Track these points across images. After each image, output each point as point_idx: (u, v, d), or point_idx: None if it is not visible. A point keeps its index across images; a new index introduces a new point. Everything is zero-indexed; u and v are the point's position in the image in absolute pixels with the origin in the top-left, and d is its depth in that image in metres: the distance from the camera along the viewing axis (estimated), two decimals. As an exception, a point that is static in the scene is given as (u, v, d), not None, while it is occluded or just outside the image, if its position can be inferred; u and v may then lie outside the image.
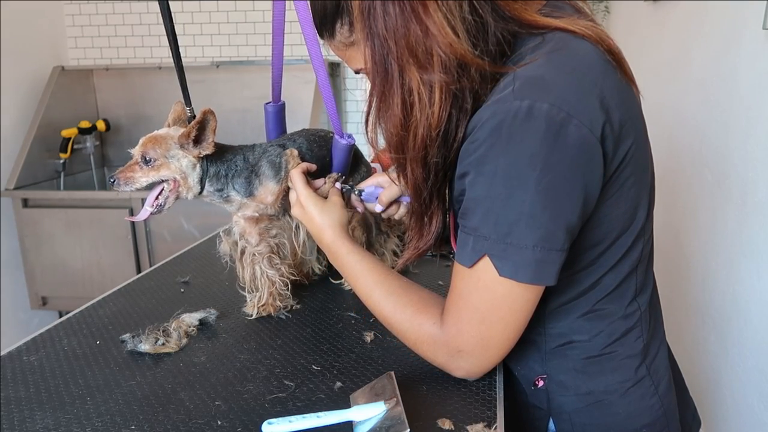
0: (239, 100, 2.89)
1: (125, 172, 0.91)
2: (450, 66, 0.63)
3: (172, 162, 0.91)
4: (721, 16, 1.54)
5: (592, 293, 0.74)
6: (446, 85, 0.64)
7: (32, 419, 0.74)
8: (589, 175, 0.63)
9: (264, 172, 0.96)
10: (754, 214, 1.34)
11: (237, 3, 3.03)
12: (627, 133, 0.65)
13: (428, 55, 0.63)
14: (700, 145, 1.62)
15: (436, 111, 0.64)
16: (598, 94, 0.62)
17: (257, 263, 1.00)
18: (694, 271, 1.68)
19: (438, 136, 0.66)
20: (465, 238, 0.67)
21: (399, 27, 0.62)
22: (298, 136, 1.03)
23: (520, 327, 0.69)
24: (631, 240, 0.72)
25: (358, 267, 0.83)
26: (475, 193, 0.64)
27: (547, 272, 0.64)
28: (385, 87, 0.66)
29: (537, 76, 0.62)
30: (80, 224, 2.60)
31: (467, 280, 0.68)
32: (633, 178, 0.69)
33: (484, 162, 0.62)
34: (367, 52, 0.66)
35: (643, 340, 0.77)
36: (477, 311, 0.68)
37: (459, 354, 0.72)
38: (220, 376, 0.83)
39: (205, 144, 0.91)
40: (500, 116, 0.61)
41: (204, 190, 0.95)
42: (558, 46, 0.65)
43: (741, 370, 1.41)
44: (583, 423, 0.78)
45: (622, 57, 0.69)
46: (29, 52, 2.87)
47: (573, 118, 0.60)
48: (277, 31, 0.95)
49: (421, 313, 0.75)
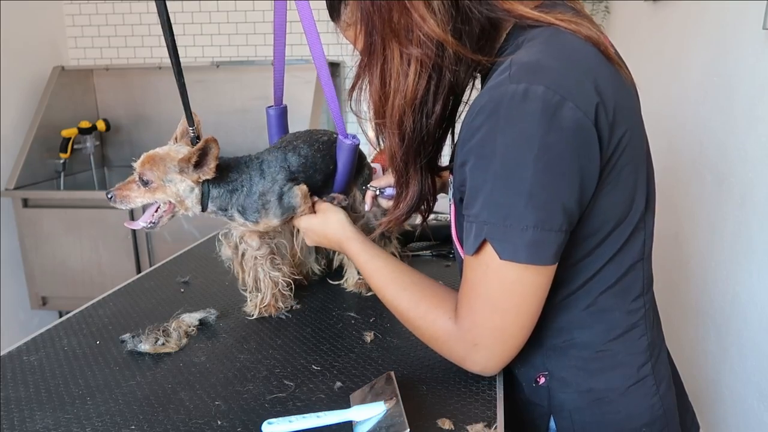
0: (239, 100, 2.89)
1: (122, 190, 0.90)
2: (427, 43, 0.66)
3: (169, 186, 0.90)
4: (721, 16, 1.54)
5: (592, 285, 0.74)
6: (423, 60, 0.67)
7: (32, 419, 0.74)
8: (584, 157, 0.64)
9: (272, 208, 0.95)
10: (754, 215, 1.34)
11: (237, 3, 3.03)
12: (621, 121, 0.67)
13: (408, 32, 0.67)
14: (700, 145, 1.62)
15: (411, 84, 0.68)
16: (592, 80, 0.64)
17: (260, 265, 1.00)
18: (694, 271, 1.68)
19: (414, 108, 0.70)
20: (468, 227, 0.68)
21: (384, 3, 0.67)
22: (302, 142, 1.00)
23: (534, 314, 0.70)
24: (629, 231, 0.73)
25: (371, 265, 0.86)
26: (475, 180, 0.66)
27: (546, 252, 0.65)
28: (370, 58, 0.71)
29: (533, 61, 0.64)
30: (80, 224, 2.60)
31: (476, 270, 0.69)
32: (629, 167, 0.69)
33: (483, 145, 0.64)
34: (357, 28, 0.71)
35: (647, 338, 0.77)
36: (488, 300, 0.68)
37: (475, 348, 0.72)
38: (220, 376, 0.83)
39: (206, 169, 0.90)
40: (497, 100, 0.63)
41: (207, 208, 0.94)
42: (552, 37, 0.67)
43: (741, 370, 1.41)
44: (583, 421, 0.77)
45: (617, 59, 0.70)
46: (29, 52, 2.87)
47: (567, 101, 0.62)
48: (279, 32, 0.95)
49: (436, 308, 0.76)
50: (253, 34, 3.07)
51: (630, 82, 0.72)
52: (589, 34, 0.67)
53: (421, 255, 1.29)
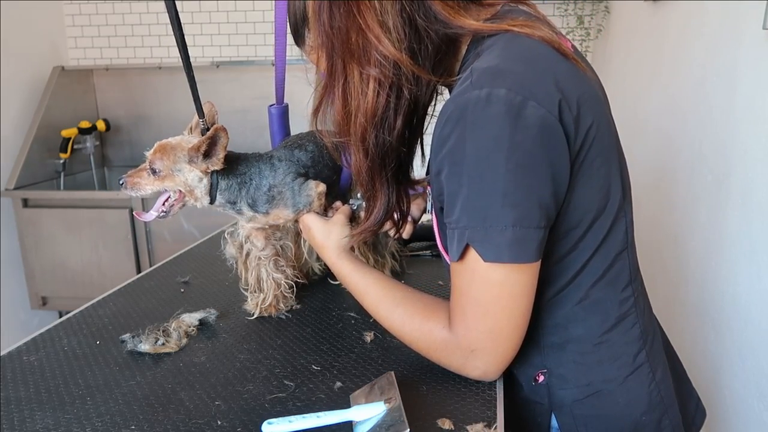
0: (239, 100, 2.89)
1: (133, 177, 0.91)
2: (383, 63, 0.69)
3: (178, 175, 0.90)
4: (721, 16, 1.54)
5: (581, 279, 0.75)
6: (381, 79, 0.70)
7: (32, 419, 0.74)
8: (553, 152, 0.66)
9: (285, 199, 0.95)
10: (754, 214, 1.34)
11: (237, 3, 3.03)
12: (586, 114, 0.68)
13: (365, 52, 0.69)
14: (700, 145, 1.62)
15: (370, 101, 0.71)
16: (552, 77, 0.66)
17: (263, 266, 1.00)
18: (694, 271, 1.68)
19: (375, 124, 0.72)
20: (451, 234, 0.70)
21: (341, 26, 0.70)
22: (308, 142, 1.01)
23: (525, 313, 0.70)
24: (609, 222, 0.74)
25: (362, 284, 0.86)
26: (451, 187, 0.68)
27: (528, 250, 0.66)
28: (331, 79, 0.73)
29: (492, 66, 0.66)
30: (80, 224, 2.60)
31: (463, 276, 0.70)
32: (600, 158, 0.71)
33: (454, 152, 0.66)
34: (320, 51, 0.74)
35: (639, 326, 0.78)
36: (479, 304, 0.69)
37: (473, 354, 0.73)
38: (220, 376, 0.83)
39: (215, 159, 0.90)
40: (462, 107, 0.65)
41: (216, 200, 0.95)
42: (509, 42, 0.69)
43: (741, 370, 1.41)
44: (584, 415, 0.78)
45: (574, 55, 0.71)
46: (29, 52, 2.87)
47: (530, 100, 0.63)
48: (280, 31, 0.95)
49: (429, 320, 0.76)
50: (253, 34, 3.07)
51: (590, 76, 0.74)
52: (542, 34, 0.69)
53: (421, 255, 1.29)
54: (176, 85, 2.97)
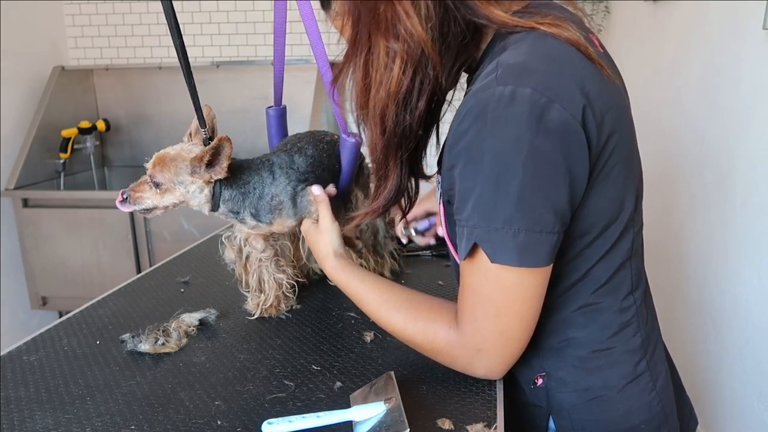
0: (239, 100, 2.89)
1: (135, 191, 0.89)
2: (409, 41, 0.67)
3: (179, 188, 0.89)
4: (721, 16, 1.54)
5: (583, 285, 0.74)
6: (405, 57, 0.67)
7: (32, 419, 0.74)
8: (573, 158, 0.64)
9: (285, 209, 0.94)
10: (754, 215, 1.34)
11: (237, 3, 3.03)
12: (609, 122, 0.67)
13: (391, 24, 0.67)
14: (700, 145, 1.62)
15: (395, 77, 0.69)
16: (578, 82, 0.64)
17: (264, 267, 1.00)
18: (694, 271, 1.68)
19: (397, 102, 0.70)
20: (460, 231, 0.68)
21: None
22: (306, 143, 1.00)
23: (535, 315, 0.70)
24: (619, 231, 0.73)
25: (361, 289, 0.84)
26: (465, 184, 0.66)
27: (539, 254, 0.65)
28: (354, 49, 0.71)
29: (519, 62, 0.64)
30: (80, 224, 2.60)
31: (474, 275, 0.69)
32: (619, 167, 0.69)
33: (471, 148, 0.64)
34: (345, 18, 0.72)
35: (641, 335, 0.77)
36: (490, 305, 0.68)
37: (479, 353, 0.72)
38: (220, 376, 0.83)
39: (218, 169, 0.89)
40: (484, 102, 0.63)
41: (219, 209, 0.94)
42: (537, 40, 0.67)
43: (740, 370, 1.41)
44: (582, 419, 0.78)
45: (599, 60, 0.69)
46: (29, 52, 2.87)
47: (554, 102, 0.62)
48: (279, 32, 0.95)
49: (433, 322, 0.76)
50: (253, 34, 3.07)
51: (615, 83, 0.71)
52: (569, 35, 0.67)
53: (421, 255, 1.29)
54: (176, 85, 2.97)
